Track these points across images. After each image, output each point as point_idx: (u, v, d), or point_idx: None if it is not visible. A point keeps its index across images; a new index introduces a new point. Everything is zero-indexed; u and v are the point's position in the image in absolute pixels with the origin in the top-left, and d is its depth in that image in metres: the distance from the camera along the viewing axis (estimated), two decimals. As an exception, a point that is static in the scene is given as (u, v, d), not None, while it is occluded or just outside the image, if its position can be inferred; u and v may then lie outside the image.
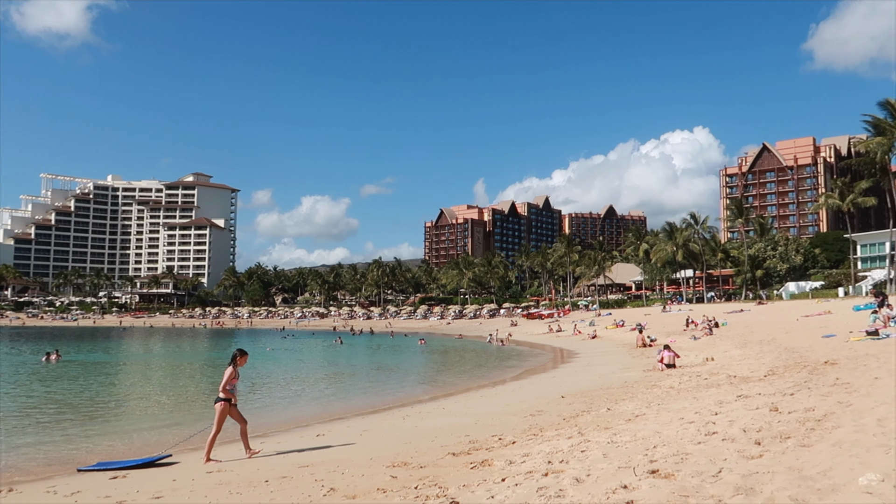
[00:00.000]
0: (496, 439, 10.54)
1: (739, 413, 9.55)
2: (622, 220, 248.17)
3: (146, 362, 40.92)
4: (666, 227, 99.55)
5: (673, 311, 71.72)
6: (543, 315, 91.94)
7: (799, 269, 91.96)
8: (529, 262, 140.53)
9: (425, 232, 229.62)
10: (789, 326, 34.40)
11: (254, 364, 37.44)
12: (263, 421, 16.52)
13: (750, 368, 18.15)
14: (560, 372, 27.19)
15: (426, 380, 29.18)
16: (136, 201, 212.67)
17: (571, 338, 53.38)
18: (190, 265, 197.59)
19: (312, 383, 27.44)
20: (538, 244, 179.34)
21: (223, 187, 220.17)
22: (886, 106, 57.33)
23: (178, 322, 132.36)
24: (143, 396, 23.67)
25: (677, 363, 21.68)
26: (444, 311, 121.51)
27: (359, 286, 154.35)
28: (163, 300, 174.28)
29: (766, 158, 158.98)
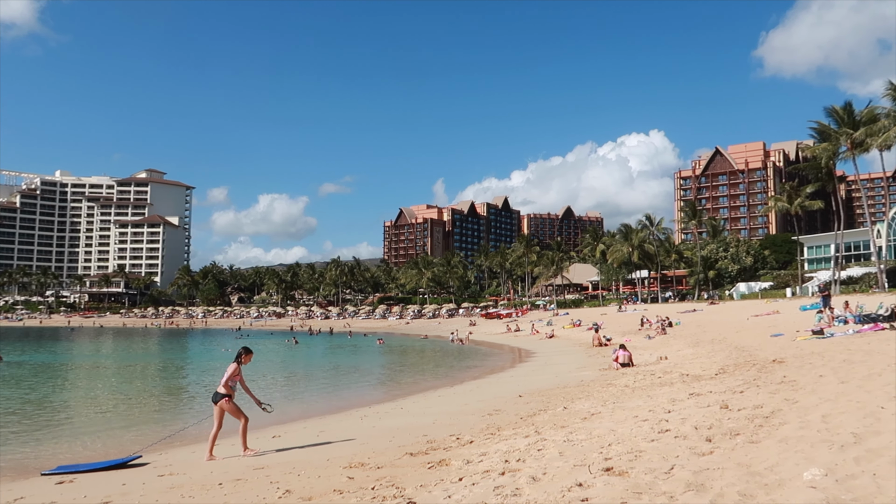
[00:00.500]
0: (454, 439, 10.55)
1: (691, 411, 9.76)
2: (580, 221, 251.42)
3: (95, 364, 39.77)
4: (622, 228, 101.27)
5: (628, 311, 72.94)
6: (502, 315, 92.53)
7: (749, 269, 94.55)
8: (488, 262, 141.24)
9: (384, 231, 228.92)
10: (740, 326, 35.33)
11: (208, 365, 36.76)
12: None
13: (702, 367, 18.57)
14: (518, 371, 27.39)
15: (384, 380, 29.07)
16: (86, 198, 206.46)
17: (529, 337, 53.83)
18: (142, 264, 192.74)
19: (268, 384, 27.05)
20: (497, 244, 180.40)
21: (177, 184, 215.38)
22: (832, 113, 59.30)
23: (129, 322, 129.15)
24: (91, 399, 23.01)
25: (632, 362, 22.05)
26: (403, 311, 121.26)
27: (317, 286, 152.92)
28: (114, 300, 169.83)
29: (718, 162, 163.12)
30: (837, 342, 18.45)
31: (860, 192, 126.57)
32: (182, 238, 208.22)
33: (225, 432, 11.00)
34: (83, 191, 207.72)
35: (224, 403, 10.39)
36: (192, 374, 32.55)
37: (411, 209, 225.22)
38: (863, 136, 55.87)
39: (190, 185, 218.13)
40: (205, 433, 11.03)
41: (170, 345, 61.15)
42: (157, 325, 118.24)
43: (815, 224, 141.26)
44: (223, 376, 10.52)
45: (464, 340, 54.53)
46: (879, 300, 35.53)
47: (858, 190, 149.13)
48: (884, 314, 24.11)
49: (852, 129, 56.83)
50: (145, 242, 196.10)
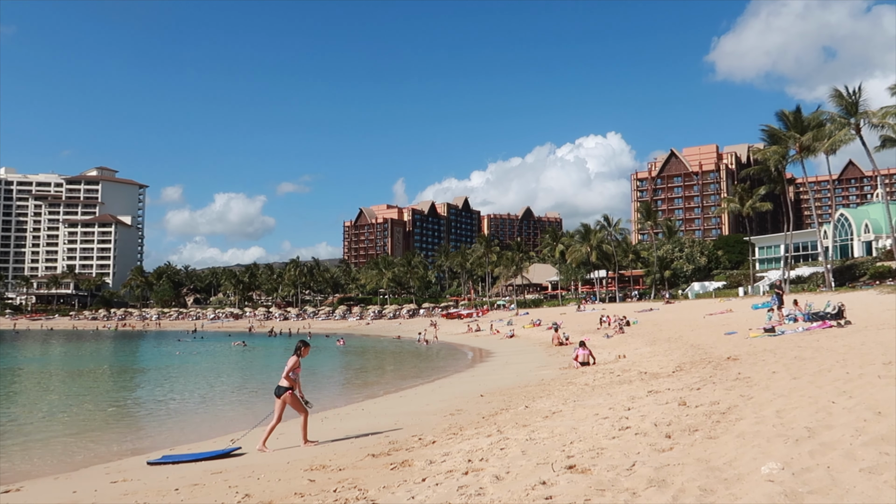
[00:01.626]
0: (416, 439, 10.50)
1: (650, 408, 9.91)
2: (539, 222, 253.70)
3: (41, 368, 38.50)
4: (581, 228, 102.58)
5: (587, 311, 73.89)
6: (462, 315, 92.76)
7: (703, 269, 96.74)
8: (449, 262, 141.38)
9: (344, 231, 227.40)
10: (695, 324, 36.11)
11: (160, 368, 35.95)
12: (173, 432, 15.85)
13: (659, 365, 18.89)
14: (479, 371, 27.46)
15: (345, 382, 28.82)
16: (33, 196, 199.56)
17: (490, 337, 54.06)
18: (93, 264, 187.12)
19: (225, 388, 26.57)
20: (458, 244, 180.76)
21: (130, 182, 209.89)
22: (782, 117, 61.07)
23: (79, 324, 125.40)
24: (35, 405, 22.24)
25: (593, 360, 22.31)
26: (364, 312, 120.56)
27: (275, 286, 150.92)
28: (63, 301, 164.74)
29: (673, 164, 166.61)
30: (788, 339, 18.99)
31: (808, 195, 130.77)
32: (135, 238, 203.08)
33: (167, 444, 10.74)
34: (30, 189, 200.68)
35: (287, 396, 10.76)
36: (149, 379, 31.77)
37: (371, 209, 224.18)
38: (810, 140, 57.71)
39: (143, 184, 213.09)
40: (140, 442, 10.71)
41: (121, 348, 59.58)
42: (110, 328, 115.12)
43: (766, 225, 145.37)
44: (284, 369, 10.85)
45: (429, 341, 54.57)
46: (827, 299, 36.72)
47: (806, 192, 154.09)
48: (831, 312, 24.91)
49: (800, 134, 58.64)
50: (96, 242, 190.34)
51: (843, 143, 56.04)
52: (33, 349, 59.29)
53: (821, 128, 57.57)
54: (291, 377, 10.82)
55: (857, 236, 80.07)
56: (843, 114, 55.97)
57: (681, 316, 47.56)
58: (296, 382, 10.90)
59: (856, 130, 55.38)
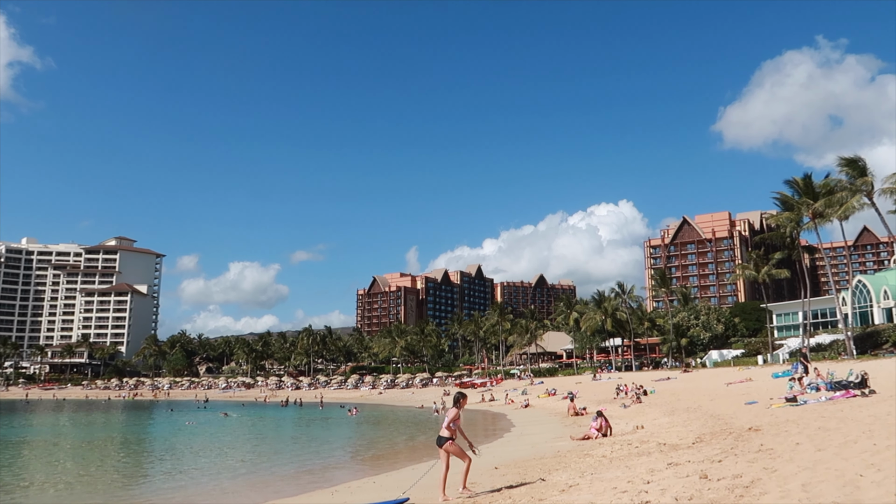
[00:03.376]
0: (429, 514, 10.19)
1: (671, 481, 9.58)
2: (552, 289, 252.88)
3: (51, 439, 38.11)
4: (595, 296, 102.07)
5: (603, 380, 72.66)
6: (476, 384, 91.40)
7: (721, 337, 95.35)
8: (462, 330, 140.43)
9: (357, 300, 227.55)
10: (714, 393, 35.30)
11: (171, 438, 35.46)
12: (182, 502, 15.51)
13: (678, 436, 18.38)
14: (493, 442, 26.84)
15: (357, 453, 28.23)
16: (53, 265, 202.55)
17: (504, 407, 53.11)
18: (108, 333, 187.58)
19: (235, 460, 26.11)
20: (471, 312, 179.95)
21: (147, 252, 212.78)
22: (793, 184, 61.36)
23: (91, 394, 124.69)
24: (45, 474, 21.91)
25: (610, 431, 21.77)
26: (376, 381, 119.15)
27: (288, 355, 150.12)
28: (76, 370, 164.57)
29: (686, 231, 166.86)
30: (811, 409, 18.49)
31: (824, 261, 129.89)
32: (150, 307, 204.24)
33: None
34: (49, 258, 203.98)
35: (448, 446, 11.20)
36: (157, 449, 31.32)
37: (385, 277, 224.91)
38: (822, 206, 57.74)
39: (160, 253, 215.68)
40: None
41: (130, 418, 58.96)
42: (122, 397, 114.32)
43: (783, 291, 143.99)
44: (444, 421, 11.37)
45: (440, 410, 53.58)
46: (849, 367, 35.90)
47: (822, 258, 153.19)
48: (854, 381, 24.31)
49: (812, 200, 58.76)
50: (112, 311, 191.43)
51: (855, 209, 56.03)
52: (45, 419, 58.82)
53: (832, 194, 57.69)
54: (452, 427, 11.24)
55: (877, 303, 78.94)
56: (852, 181, 56.19)
57: (699, 385, 46.57)
58: (455, 432, 11.30)
59: (868, 197, 55.45)
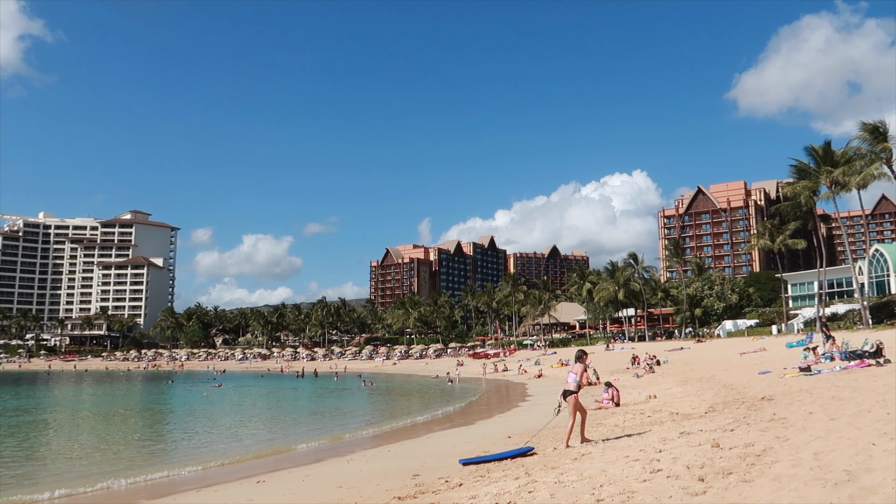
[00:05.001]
0: (443, 482, 10.36)
1: (683, 450, 9.66)
2: (565, 260, 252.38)
3: (73, 409, 38.94)
4: (608, 266, 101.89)
5: (616, 350, 72.85)
6: (490, 355, 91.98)
7: (734, 307, 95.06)
8: (475, 301, 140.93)
9: (371, 271, 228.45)
10: (727, 363, 35.31)
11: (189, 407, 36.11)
12: (201, 470, 15.85)
13: (691, 405, 18.47)
14: (506, 412, 27.11)
15: (372, 423, 28.63)
16: (70, 239, 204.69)
17: (518, 377, 53.48)
18: (126, 306, 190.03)
19: (251, 429, 26.58)
20: (484, 284, 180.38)
21: (162, 225, 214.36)
22: (811, 152, 60.43)
23: (111, 365, 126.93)
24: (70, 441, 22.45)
25: (621, 401, 21.91)
26: (390, 352, 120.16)
27: (303, 327, 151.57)
28: (95, 342, 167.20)
29: (700, 201, 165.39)
30: (825, 379, 18.47)
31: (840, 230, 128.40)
32: (166, 279, 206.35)
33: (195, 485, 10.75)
34: (66, 232, 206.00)
35: (573, 398, 11.85)
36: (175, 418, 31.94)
37: (398, 249, 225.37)
38: (841, 175, 56.92)
39: (175, 227, 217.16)
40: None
41: (150, 389, 59.98)
42: (144, 368, 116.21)
43: (798, 261, 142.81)
44: (571, 376, 12.01)
45: (454, 380, 54.22)
46: (864, 336, 35.71)
47: (839, 227, 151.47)
48: (869, 350, 24.20)
49: (832, 168, 57.93)
50: (129, 284, 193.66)
51: (874, 178, 55.21)
52: (68, 390, 59.98)
53: (851, 163, 56.82)
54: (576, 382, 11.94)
55: (894, 272, 78.22)
56: (872, 148, 55.27)
57: (712, 355, 46.59)
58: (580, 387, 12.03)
59: (887, 165, 54.59)
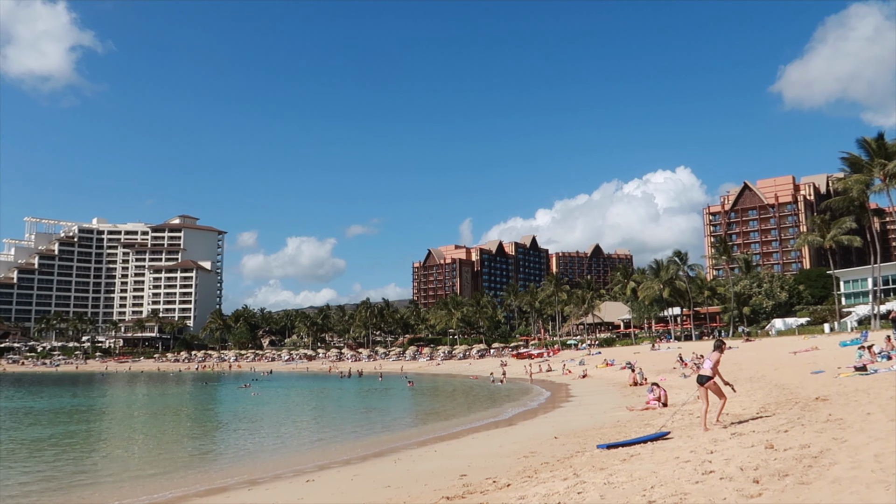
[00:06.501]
0: (490, 482, 10.39)
1: (735, 451, 9.49)
2: (609, 259, 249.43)
3: (128, 408, 40.15)
4: (652, 264, 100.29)
5: (662, 350, 71.71)
6: (533, 355, 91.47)
7: (784, 305, 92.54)
8: (518, 301, 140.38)
9: (413, 272, 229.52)
10: (778, 363, 34.44)
11: (239, 407, 36.87)
12: (251, 468, 16.20)
13: (742, 406, 18.08)
14: (551, 412, 26.96)
15: (417, 423, 28.79)
16: (122, 244, 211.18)
17: (562, 377, 53.09)
18: (175, 308, 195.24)
19: (300, 429, 27.01)
20: (526, 284, 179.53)
21: (210, 229, 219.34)
22: (863, 144, 58.55)
23: (162, 366, 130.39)
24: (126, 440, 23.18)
25: (668, 401, 21.59)
26: (434, 352, 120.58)
27: (347, 328, 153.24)
28: (147, 344, 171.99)
29: (747, 197, 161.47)
30: (882, 378, 17.88)
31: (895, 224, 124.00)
32: (214, 282, 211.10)
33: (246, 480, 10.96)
34: (119, 237, 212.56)
35: (710, 384, 12.31)
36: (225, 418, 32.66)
37: (439, 250, 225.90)
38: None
39: (222, 230, 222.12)
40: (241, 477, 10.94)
41: (201, 389, 61.39)
42: (198, 369, 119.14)
43: (850, 258, 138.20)
44: (707, 362, 12.49)
45: (501, 381, 54.28)
46: (924, 335, 34.37)
47: (894, 222, 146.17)
48: (930, 349, 23.32)
49: (885, 160, 55.97)
50: (178, 287, 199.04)
51: (932, 169, 53.18)
52: (125, 390, 61.86)
53: (908, 154, 54.83)
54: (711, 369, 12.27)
55: (954, 267, 75.13)
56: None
57: (762, 354, 45.46)
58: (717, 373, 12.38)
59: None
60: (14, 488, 14.15)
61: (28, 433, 25.65)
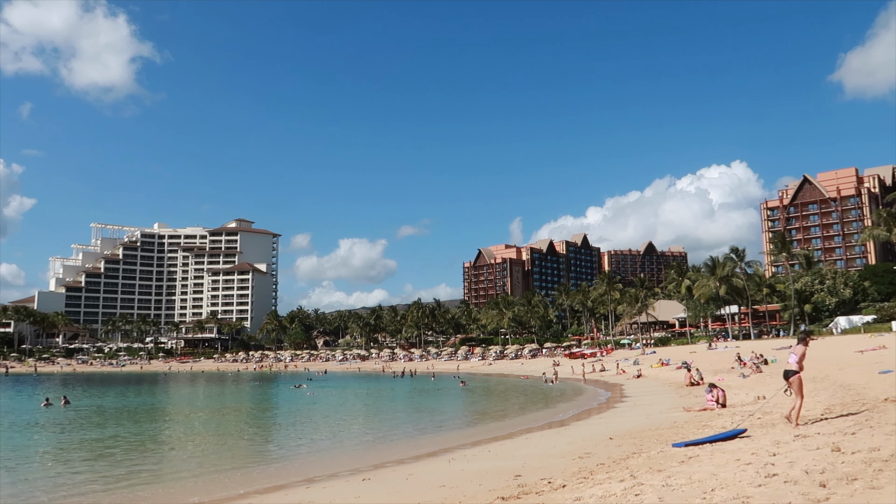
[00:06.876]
0: (545, 483, 10.35)
1: (799, 453, 9.22)
2: (662, 257, 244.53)
3: (190, 407, 41.41)
4: (708, 262, 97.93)
5: (719, 349, 70.00)
6: (586, 354, 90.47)
7: (849, 302, 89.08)
8: (569, 300, 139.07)
9: (464, 272, 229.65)
10: (842, 362, 33.20)
11: (295, 407, 37.61)
12: (308, 466, 16.52)
13: (805, 407, 17.50)
14: (606, 412, 26.64)
15: (470, 423, 28.85)
16: (182, 248, 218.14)
17: (615, 377, 52.39)
18: (233, 309, 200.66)
19: (354, 428, 27.39)
20: (577, 283, 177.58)
21: (265, 232, 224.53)
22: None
23: (222, 366, 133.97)
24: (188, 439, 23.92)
25: (727, 402, 21.07)
26: (485, 352, 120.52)
27: (399, 328, 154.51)
28: (207, 345, 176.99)
29: (807, 190, 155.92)
30: (958, 379, 17.06)
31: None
32: (269, 284, 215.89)
33: (304, 478, 11.13)
34: (178, 241, 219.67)
35: (795, 378, 12.26)
36: (282, 417, 33.36)
37: (490, 249, 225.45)
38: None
39: (276, 233, 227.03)
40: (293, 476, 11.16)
41: (259, 388, 62.80)
42: (255, 369, 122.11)
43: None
44: (792, 356, 12.44)
45: (553, 381, 53.94)
46: None
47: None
48: None
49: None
50: (236, 289, 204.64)
51: None
52: (192, 389, 63.84)
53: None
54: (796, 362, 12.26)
55: None
56: None
57: (825, 353, 43.84)
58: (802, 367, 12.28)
59: None
60: (83, 486, 14.78)
61: (96, 433, 26.72)
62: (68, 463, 18.22)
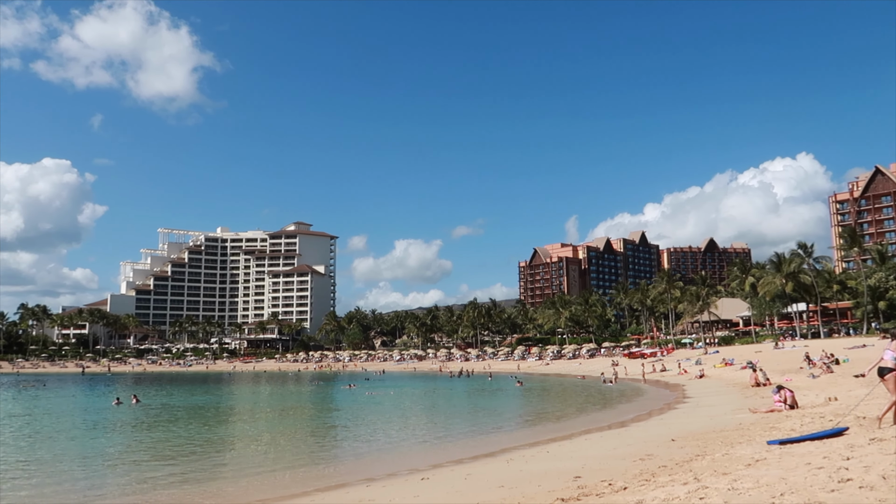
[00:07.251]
0: (606, 484, 10.19)
1: (875, 458, 8.81)
2: (724, 254, 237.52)
3: (253, 406, 42.49)
4: (773, 258, 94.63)
5: (786, 348, 67.61)
6: (646, 354, 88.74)
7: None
8: (628, 299, 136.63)
9: (519, 272, 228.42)
10: (922, 362, 31.54)
11: (354, 406, 38.15)
12: (368, 465, 16.72)
13: (881, 409, 16.73)
14: (667, 413, 26.06)
15: (528, 423, 28.67)
16: (243, 251, 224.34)
17: (677, 377, 51.23)
18: (293, 311, 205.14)
19: (413, 428, 27.57)
20: (636, 281, 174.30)
21: (322, 235, 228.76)
22: None
23: (283, 366, 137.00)
24: (251, 438, 24.54)
25: (795, 403, 20.31)
26: (542, 352, 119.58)
27: (455, 328, 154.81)
28: (269, 345, 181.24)
29: (880, 182, 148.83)
30: None
31: None
32: (328, 285, 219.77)
33: (365, 477, 11.22)
34: (240, 245, 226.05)
35: (891, 376, 11.73)
36: (343, 416, 33.88)
37: (545, 248, 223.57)
38: None
39: (334, 235, 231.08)
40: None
41: (320, 388, 63.88)
42: (315, 368, 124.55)
43: None
44: (888, 353, 11.90)
45: (612, 381, 53.15)
46: None
47: None
48: None
49: None
50: (295, 291, 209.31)
51: None
52: (254, 388, 65.56)
53: None
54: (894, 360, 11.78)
55: None
56: None
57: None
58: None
59: None
60: (151, 482, 15.35)
61: (163, 430, 27.69)
62: (137, 461, 18.96)
